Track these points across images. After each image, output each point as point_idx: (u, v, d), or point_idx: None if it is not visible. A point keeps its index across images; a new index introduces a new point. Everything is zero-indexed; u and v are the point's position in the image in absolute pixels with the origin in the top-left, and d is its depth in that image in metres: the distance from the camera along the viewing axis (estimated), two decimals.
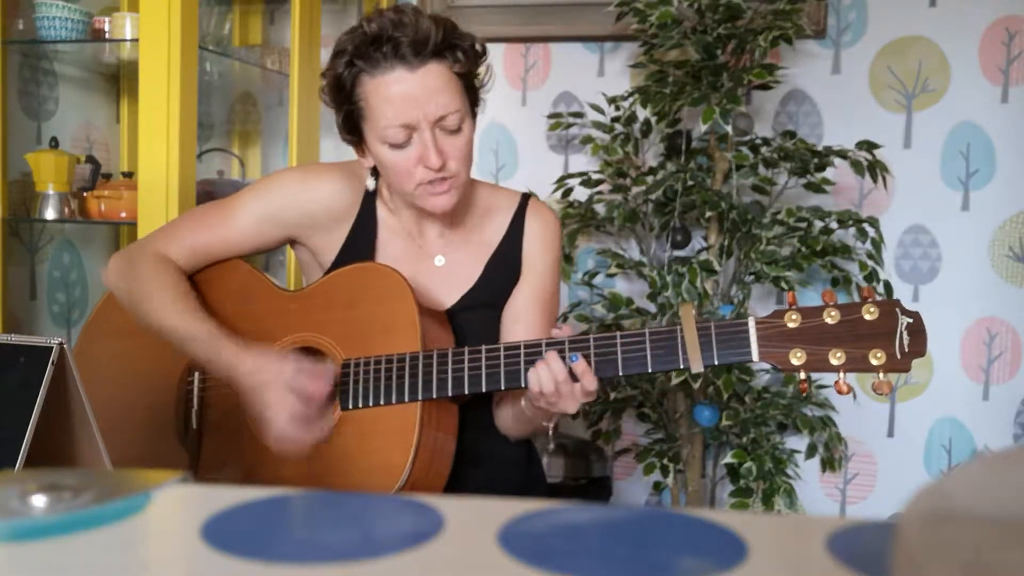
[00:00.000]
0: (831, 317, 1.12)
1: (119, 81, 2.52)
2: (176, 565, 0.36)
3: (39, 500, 0.39)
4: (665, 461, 2.21)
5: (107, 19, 2.09)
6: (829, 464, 2.37)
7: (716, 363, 1.15)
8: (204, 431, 1.33)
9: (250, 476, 1.27)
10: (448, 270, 1.38)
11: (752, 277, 2.17)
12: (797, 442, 2.38)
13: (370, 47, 1.22)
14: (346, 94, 1.27)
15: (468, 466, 1.31)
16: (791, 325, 1.13)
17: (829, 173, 2.29)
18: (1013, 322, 2.43)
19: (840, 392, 1.11)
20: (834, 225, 2.19)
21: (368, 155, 1.32)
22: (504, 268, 1.39)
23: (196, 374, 1.36)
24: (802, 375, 1.13)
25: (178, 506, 0.41)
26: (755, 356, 1.13)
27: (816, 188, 2.25)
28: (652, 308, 2.19)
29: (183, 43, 1.91)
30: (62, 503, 0.39)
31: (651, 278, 2.13)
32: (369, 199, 1.38)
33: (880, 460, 2.52)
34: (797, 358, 1.12)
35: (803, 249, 2.13)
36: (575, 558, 0.36)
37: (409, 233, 1.39)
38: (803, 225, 2.15)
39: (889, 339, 1.11)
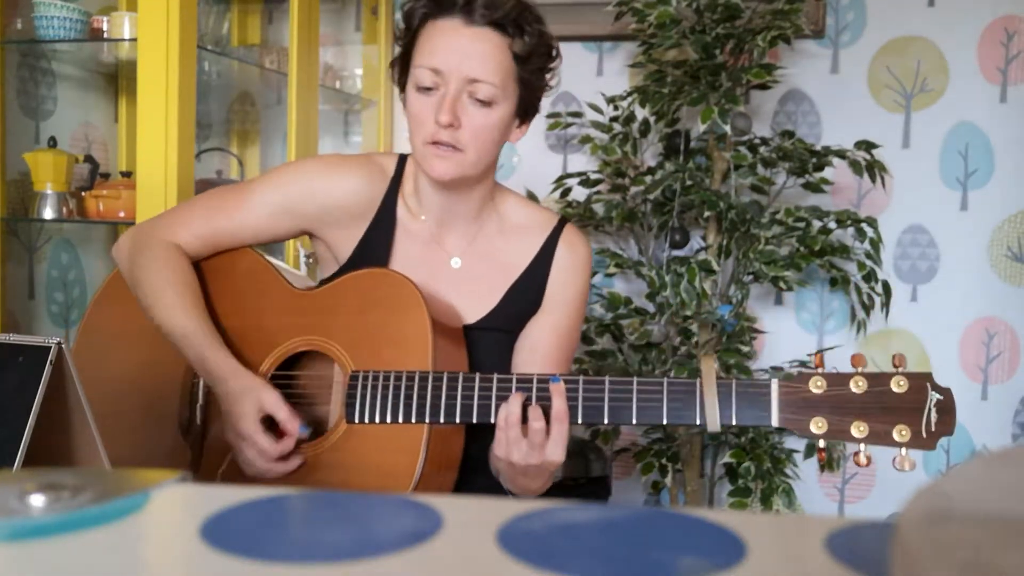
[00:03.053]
0: (858, 386, 1.07)
1: (117, 80, 2.52)
2: (175, 565, 0.36)
3: (38, 499, 0.39)
4: (664, 461, 2.22)
5: (106, 18, 2.08)
6: (828, 464, 2.37)
7: (733, 423, 1.09)
8: (208, 427, 1.32)
9: (249, 479, 1.27)
10: (465, 278, 1.33)
11: (751, 277, 2.17)
12: (796, 441, 2.38)
13: None
14: (409, 30, 1.26)
15: (472, 473, 1.29)
16: (815, 391, 1.07)
17: (828, 173, 2.29)
18: (1012, 322, 2.44)
19: (859, 465, 1.08)
20: (832, 225, 2.19)
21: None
22: (527, 295, 1.33)
23: None
24: (821, 443, 1.09)
25: (177, 505, 0.41)
26: (775, 421, 1.08)
27: (815, 188, 2.25)
28: (651, 308, 2.19)
29: (182, 42, 1.91)
30: (61, 502, 0.39)
31: (650, 278, 2.13)
32: (390, 198, 1.33)
33: (879, 460, 2.52)
34: (818, 427, 1.07)
35: (801, 249, 2.13)
36: (574, 558, 0.36)
37: (430, 237, 1.34)
38: (801, 225, 2.15)
39: (916, 415, 1.06)
